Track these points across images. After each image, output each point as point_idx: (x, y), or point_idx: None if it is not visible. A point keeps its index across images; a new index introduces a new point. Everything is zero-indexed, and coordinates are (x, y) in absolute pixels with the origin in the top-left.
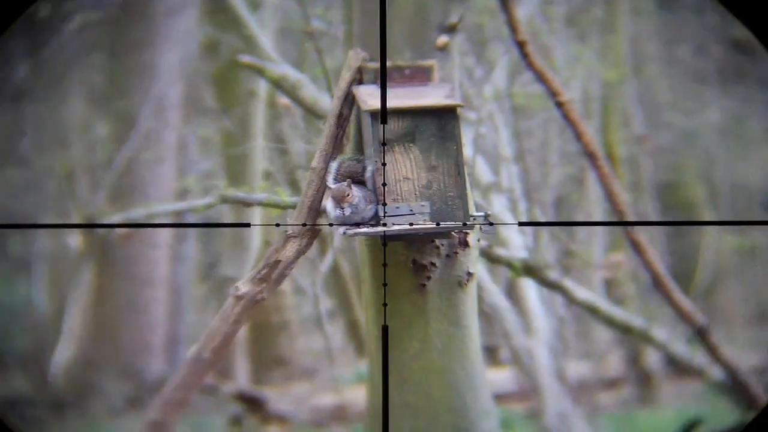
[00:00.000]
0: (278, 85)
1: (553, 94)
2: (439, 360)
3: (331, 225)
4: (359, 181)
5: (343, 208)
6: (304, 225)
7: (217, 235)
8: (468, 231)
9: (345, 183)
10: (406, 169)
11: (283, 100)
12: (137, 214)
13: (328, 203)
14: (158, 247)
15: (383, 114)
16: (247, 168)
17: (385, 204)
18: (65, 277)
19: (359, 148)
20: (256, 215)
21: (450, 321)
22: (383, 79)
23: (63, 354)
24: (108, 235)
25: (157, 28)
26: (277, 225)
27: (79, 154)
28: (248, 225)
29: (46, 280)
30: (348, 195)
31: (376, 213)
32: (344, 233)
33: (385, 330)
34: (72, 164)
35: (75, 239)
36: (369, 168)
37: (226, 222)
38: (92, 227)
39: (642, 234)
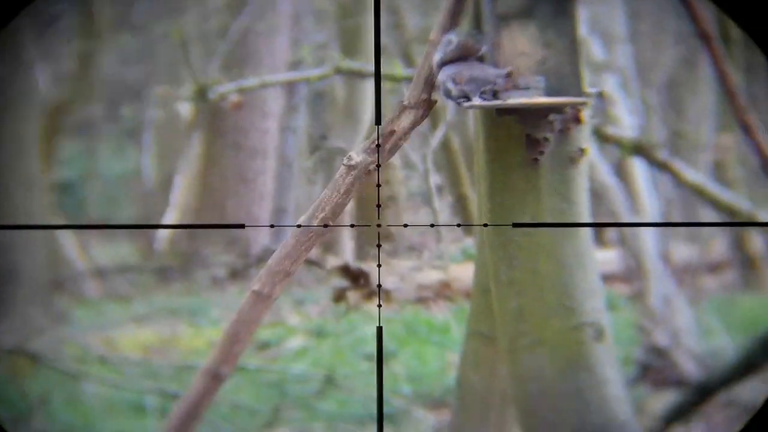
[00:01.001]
0: None
1: None
2: (548, 236)
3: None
4: (477, 59)
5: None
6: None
7: (328, 106)
8: (581, 107)
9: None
10: (522, 45)
11: None
12: (250, 83)
13: (442, 75)
14: (269, 117)
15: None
16: (361, 40)
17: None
18: (175, 146)
19: (476, 23)
20: (368, 87)
21: (561, 197)
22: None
23: (169, 222)
24: (219, 103)
25: None
26: (272, 226)
27: (194, 23)
28: (242, 226)
29: (156, 149)
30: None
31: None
32: (459, 104)
33: (379, 330)
34: (187, 32)
35: (185, 107)
36: (484, 48)
37: (339, 94)
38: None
39: (753, 116)
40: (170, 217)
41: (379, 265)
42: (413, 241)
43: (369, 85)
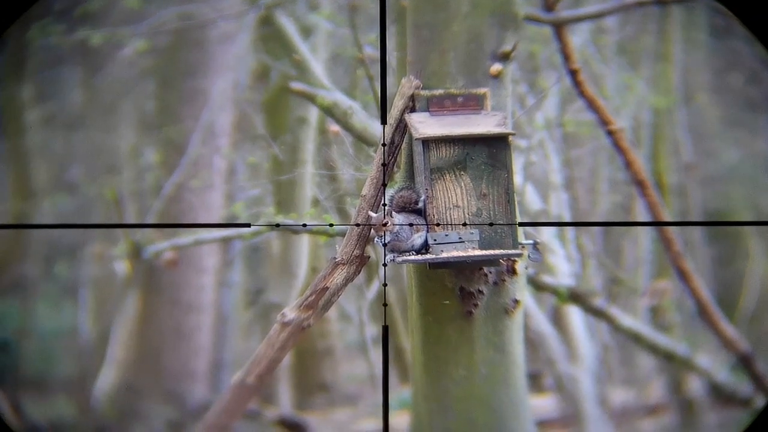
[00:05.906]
0: (329, 112)
1: (603, 122)
2: (483, 386)
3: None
4: (415, 210)
5: (381, 236)
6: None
7: (264, 261)
8: (516, 259)
9: (386, 211)
10: (456, 197)
11: (334, 127)
12: (184, 241)
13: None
14: (205, 272)
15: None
16: (296, 195)
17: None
18: (111, 302)
19: (410, 176)
20: (304, 242)
21: (495, 348)
22: (383, 79)
23: (106, 379)
24: (154, 261)
25: (209, 55)
26: (277, 225)
27: (129, 181)
28: (248, 225)
29: (92, 305)
30: (387, 224)
31: (426, 241)
32: (393, 260)
33: (385, 329)
34: (121, 191)
35: (121, 265)
36: (422, 197)
37: (275, 249)
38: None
39: (688, 261)
40: (108, 372)
41: (384, 265)
42: (350, 390)
43: (304, 240)
